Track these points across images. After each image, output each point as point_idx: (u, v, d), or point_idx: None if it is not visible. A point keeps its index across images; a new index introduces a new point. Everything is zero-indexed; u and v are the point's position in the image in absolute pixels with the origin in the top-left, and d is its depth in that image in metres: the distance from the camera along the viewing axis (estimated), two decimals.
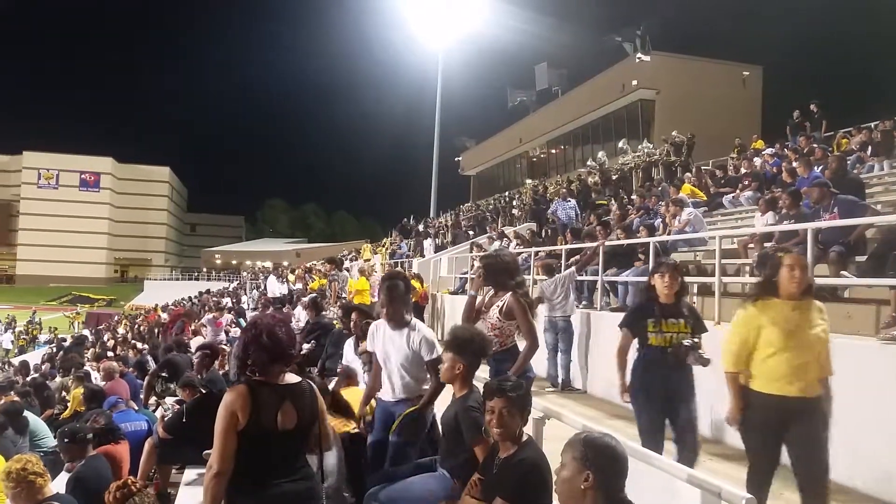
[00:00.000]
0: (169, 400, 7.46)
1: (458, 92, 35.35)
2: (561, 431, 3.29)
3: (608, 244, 9.17)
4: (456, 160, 45.22)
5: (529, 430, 3.19)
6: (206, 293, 31.26)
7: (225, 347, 10.32)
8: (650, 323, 4.38)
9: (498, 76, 46.35)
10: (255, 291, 23.42)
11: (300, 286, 18.97)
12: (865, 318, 5.70)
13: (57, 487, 4.28)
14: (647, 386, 4.39)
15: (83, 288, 69.88)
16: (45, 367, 16.80)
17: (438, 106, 31.30)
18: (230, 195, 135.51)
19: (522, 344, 4.54)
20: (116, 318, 34.73)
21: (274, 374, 2.94)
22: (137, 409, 7.59)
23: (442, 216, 28.15)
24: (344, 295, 13.55)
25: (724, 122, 25.75)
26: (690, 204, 10.89)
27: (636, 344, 4.52)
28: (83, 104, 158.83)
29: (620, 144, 21.59)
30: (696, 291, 8.02)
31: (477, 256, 14.15)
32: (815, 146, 12.20)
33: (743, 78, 30.32)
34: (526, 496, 2.73)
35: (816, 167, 10.03)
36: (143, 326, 22.88)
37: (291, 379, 3.00)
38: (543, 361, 8.54)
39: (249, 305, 20.63)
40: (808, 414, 3.51)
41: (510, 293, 4.45)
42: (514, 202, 22.23)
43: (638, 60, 29.26)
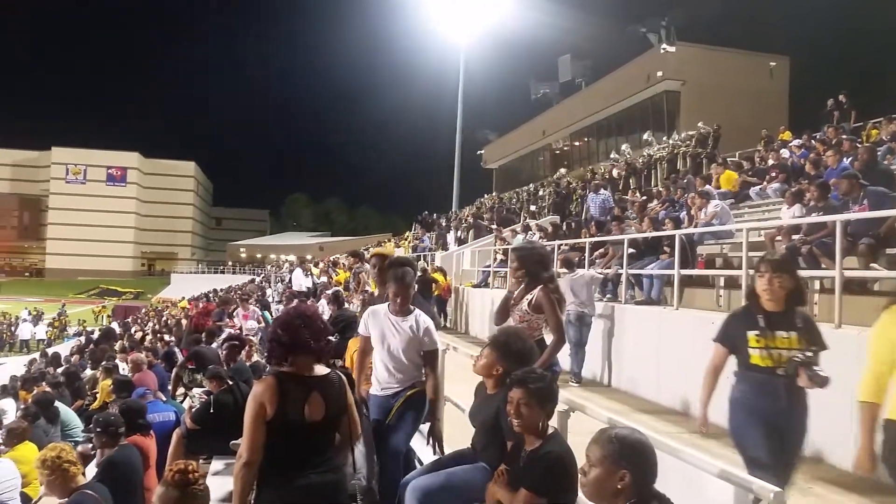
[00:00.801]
0: (196, 391, 7.56)
1: (480, 85, 35.41)
2: (587, 426, 3.27)
3: (633, 237, 9.11)
4: (478, 153, 45.13)
5: (554, 423, 3.17)
6: (234, 287, 31.57)
7: (252, 339, 10.42)
8: (753, 337, 3.49)
9: (520, 68, 46.13)
10: (279, 284, 23.60)
11: (324, 279, 19.09)
12: None
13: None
14: (752, 418, 3.47)
15: (111, 281, 71.03)
16: (74, 358, 17.09)
17: (461, 99, 31.26)
18: (255, 190, 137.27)
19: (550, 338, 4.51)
20: (144, 310, 35.22)
21: (301, 365, 2.97)
22: (165, 399, 7.70)
23: (464, 210, 28.12)
24: (367, 288, 13.60)
25: (750, 113, 25.39)
26: (717, 196, 10.77)
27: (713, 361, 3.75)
28: (110, 100, 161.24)
29: (645, 136, 21.38)
30: (722, 284, 7.95)
31: (500, 249, 14.13)
32: (843, 137, 11.98)
33: (770, 68, 29.85)
34: (551, 489, 2.72)
35: (846, 158, 9.87)
36: (170, 319, 23.16)
37: (321, 371, 3.02)
38: (566, 357, 8.53)
39: (274, 298, 20.79)
40: None
41: (541, 286, 4.43)
42: (537, 194, 22.13)
43: (663, 51, 28.94)
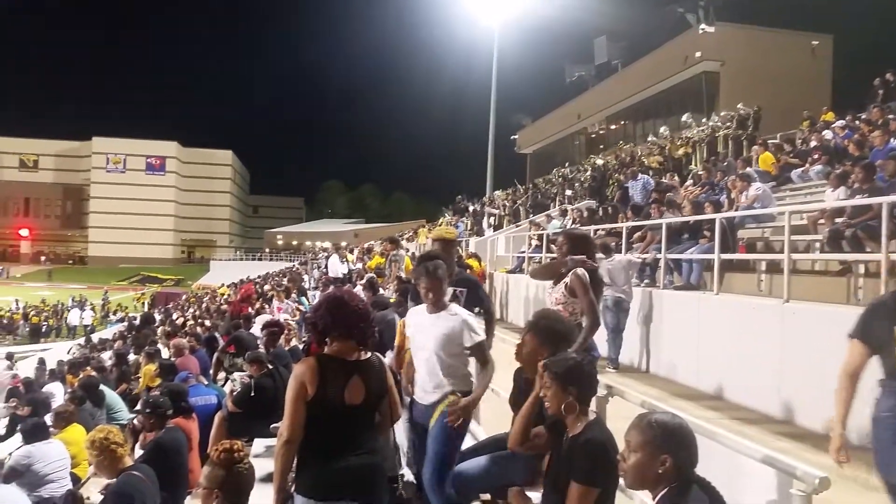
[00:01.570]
0: (237, 375, 7.69)
1: (514, 69, 35.00)
2: (625, 411, 3.24)
3: (671, 220, 8.98)
4: (512, 138, 44.84)
5: (592, 408, 3.15)
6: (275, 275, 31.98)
7: (291, 324, 10.56)
8: None
9: (555, 51, 45.53)
10: (315, 271, 23.85)
11: (359, 266, 19.25)
12: None
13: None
14: None
15: (152, 268, 72.52)
16: (117, 343, 17.54)
17: (494, 84, 31.05)
18: (290, 177, 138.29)
19: None
20: (184, 297, 35.95)
21: (341, 348, 3.00)
22: (207, 383, 7.87)
23: (498, 195, 28.02)
24: (402, 274, 13.68)
25: (792, 93, 24.74)
26: (758, 179, 10.55)
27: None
28: (148, 90, 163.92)
29: (684, 118, 21.00)
30: (763, 269, 7.81)
31: (535, 235, 14.06)
32: (890, 117, 11.61)
33: (812, 48, 28.99)
34: (600, 477, 2.70)
35: (893, 139, 9.57)
36: (210, 305, 23.59)
37: (362, 355, 3.04)
38: (603, 343, 8.47)
39: (311, 285, 21.04)
40: None
41: (573, 271, 4.39)
42: (573, 178, 21.94)
43: (701, 31, 28.30)
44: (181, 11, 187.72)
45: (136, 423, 6.95)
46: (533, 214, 18.82)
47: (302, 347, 8.15)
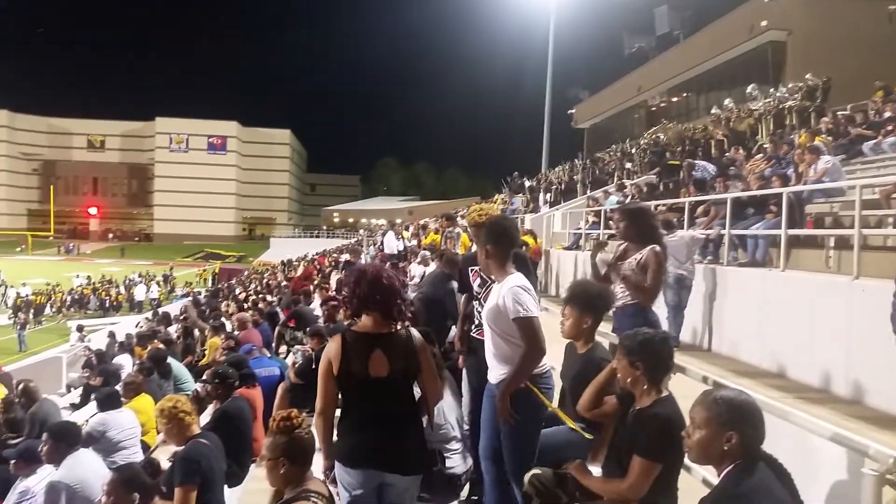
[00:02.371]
0: (298, 348, 7.88)
1: (571, 41, 34.23)
2: (686, 388, 3.18)
3: (736, 195, 8.72)
4: (569, 113, 44.11)
5: None
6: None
7: None
8: None
9: (614, 22, 44.33)
10: (371, 248, 24.11)
11: (414, 242, 19.35)
12: None
13: None
14: None
15: (214, 245, 74.67)
16: (182, 317, 18.11)
17: (551, 57, 30.52)
18: (346, 155, 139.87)
19: None
20: (246, 273, 36.90)
21: (369, 322, 3.09)
22: (270, 356, 8.08)
23: (554, 170, 27.68)
24: (457, 250, 13.71)
25: (864, 62, 23.47)
26: (826, 151, 10.11)
27: None
28: (209, 71, 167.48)
29: (749, 90, 20.25)
30: (832, 245, 7.52)
31: (592, 211, 13.86)
32: None
33: (889, 13, 27.39)
34: (664, 453, 2.67)
35: None
36: (272, 281, 24.13)
37: (389, 329, 3.10)
38: (663, 320, 8.31)
39: (367, 262, 21.30)
40: None
41: (651, 247, 4.29)
42: (632, 153, 21.49)
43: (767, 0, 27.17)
44: None
45: (198, 389, 7.18)
46: (590, 190, 18.55)
47: None
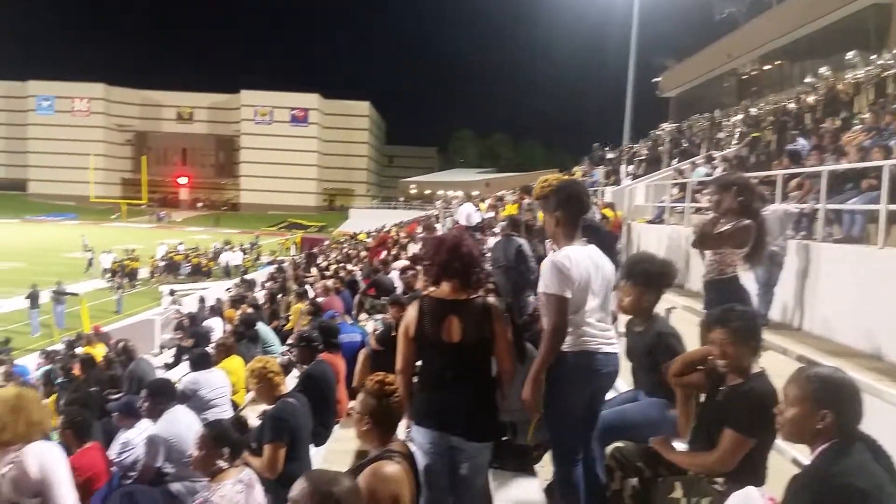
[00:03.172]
0: (378, 316, 8.06)
1: (656, 6, 32.81)
2: (777, 367, 3.08)
3: (833, 168, 8.26)
4: (653, 81, 42.66)
5: None
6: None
7: None
8: None
9: None
10: (448, 219, 24.22)
11: (492, 214, 19.30)
12: None
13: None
14: None
15: (297, 215, 76.79)
16: (268, 284, 18.77)
17: (635, 23, 29.47)
18: (424, 127, 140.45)
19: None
20: (327, 242, 37.79)
21: (446, 289, 3.17)
22: (352, 322, 8.29)
23: (637, 142, 26.92)
24: (536, 223, 13.59)
25: None
26: None
27: None
28: (292, 43, 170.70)
29: (849, 57, 19.02)
30: None
31: (678, 183, 13.44)
32: None
33: None
34: (756, 428, 2.61)
35: None
36: (351, 250, 24.65)
37: (465, 295, 3.15)
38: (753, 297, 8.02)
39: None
40: None
41: (749, 219, 4.14)
42: (721, 124, 20.64)
43: None
44: None
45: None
46: (676, 162, 17.98)
47: None
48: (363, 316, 9.87)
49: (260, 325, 9.37)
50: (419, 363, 3.29)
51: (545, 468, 4.26)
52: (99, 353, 10.73)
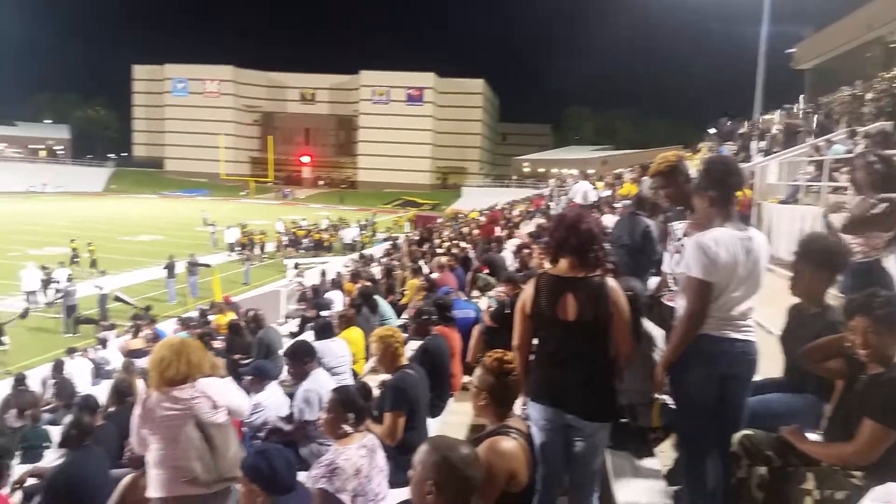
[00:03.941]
0: (492, 294, 8.08)
1: None
2: None
3: None
4: (787, 52, 39.89)
5: None
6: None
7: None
8: None
9: None
10: (562, 198, 23.86)
11: (608, 193, 18.84)
12: None
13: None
14: None
15: (411, 193, 78.26)
16: (384, 260, 19.28)
17: None
18: (538, 104, 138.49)
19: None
20: (440, 220, 38.28)
21: (564, 266, 3.15)
22: (466, 298, 8.36)
23: (769, 116, 25.33)
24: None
25: None
26: None
27: None
28: (408, 22, 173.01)
29: None
30: None
31: (813, 161, 12.56)
32: None
33: None
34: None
35: None
36: (463, 228, 24.84)
37: (582, 273, 3.10)
38: None
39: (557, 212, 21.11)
40: None
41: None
42: (864, 97, 19.04)
43: None
44: None
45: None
46: (812, 138, 16.79)
47: None
48: (475, 293, 9.94)
49: (377, 297, 9.63)
50: (535, 340, 3.28)
51: (665, 453, 4.15)
52: (227, 321, 11.40)
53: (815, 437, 2.97)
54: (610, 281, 3.15)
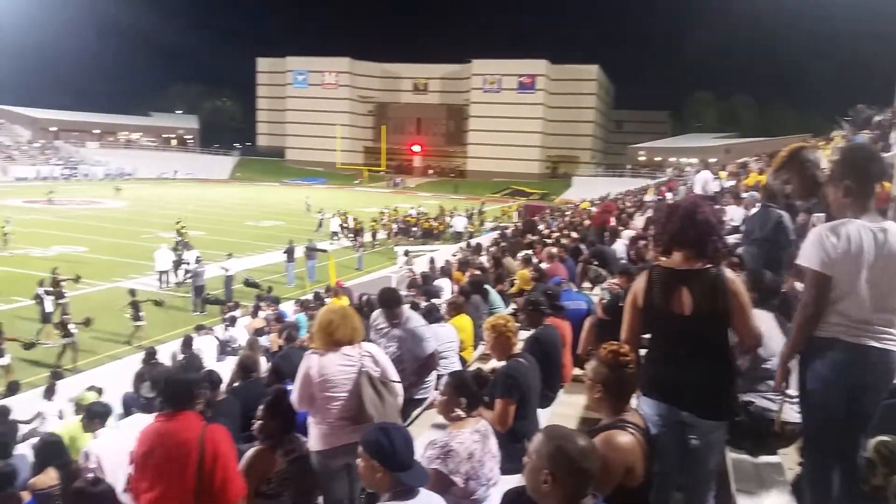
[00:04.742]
0: (605, 286, 7.92)
1: None
2: None
3: None
4: None
5: None
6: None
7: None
8: None
9: None
10: (682, 188, 23.01)
11: (732, 183, 17.99)
12: None
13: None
14: None
15: (520, 182, 77.91)
16: (493, 249, 19.30)
17: None
18: (656, 90, 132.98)
19: None
20: (548, 210, 37.90)
21: (678, 258, 3.02)
22: (577, 290, 8.25)
23: None
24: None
25: None
26: None
27: None
28: (519, 9, 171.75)
29: None
30: None
31: None
32: None
33: None
34: None
35: None
36: (575, 218, 24.52)
37: (699, 265, 2.98)
38: None
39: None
40: None
41: None
42: None
43: None
44: None
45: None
46: None
47: None
48: (586, 284, 9.79)
49: (487, 287, 9.67)
50: (647, 335, 3.21)
51: (788, 455, 3.95)
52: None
53: None
54: (727, 272, 3.03)
